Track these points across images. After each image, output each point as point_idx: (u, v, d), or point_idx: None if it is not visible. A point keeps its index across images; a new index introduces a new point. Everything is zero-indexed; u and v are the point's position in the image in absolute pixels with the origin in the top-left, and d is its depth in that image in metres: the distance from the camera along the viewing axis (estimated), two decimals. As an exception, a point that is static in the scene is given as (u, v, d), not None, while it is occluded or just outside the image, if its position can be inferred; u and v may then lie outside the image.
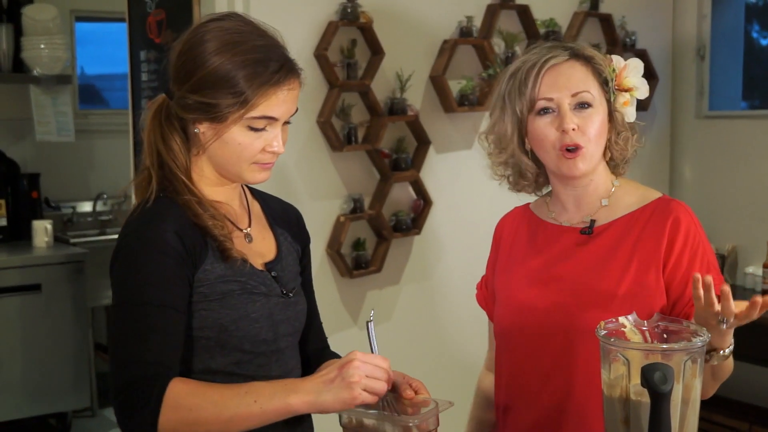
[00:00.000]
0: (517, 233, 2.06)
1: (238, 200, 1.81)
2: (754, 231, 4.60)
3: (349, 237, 3.72)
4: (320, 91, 3.57)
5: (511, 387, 1.99)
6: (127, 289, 1.60)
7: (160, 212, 1.65)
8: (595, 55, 1.91)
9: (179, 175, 1.70)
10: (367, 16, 3.63)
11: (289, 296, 1.79)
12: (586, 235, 1.93)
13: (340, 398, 1.52)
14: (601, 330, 1.59)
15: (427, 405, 1.67)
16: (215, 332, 1.66)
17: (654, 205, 1.91)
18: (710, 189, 4.83)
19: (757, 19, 5.12)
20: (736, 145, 4.72)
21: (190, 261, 1.63)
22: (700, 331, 1.57)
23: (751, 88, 5.12)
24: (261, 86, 1.63)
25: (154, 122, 1.72)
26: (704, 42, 4.83)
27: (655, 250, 1.85)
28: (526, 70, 1.91)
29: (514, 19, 4.11)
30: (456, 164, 4.03)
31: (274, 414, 1.53)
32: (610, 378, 1.56)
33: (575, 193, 1.96)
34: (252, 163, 1.70)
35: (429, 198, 3.91)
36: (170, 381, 1.52)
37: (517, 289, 1.97)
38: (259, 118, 1.65)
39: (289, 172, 3.54)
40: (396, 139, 3.81)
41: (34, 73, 5.38)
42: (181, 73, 1.67)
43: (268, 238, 1.84)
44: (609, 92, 1.90)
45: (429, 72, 3.90)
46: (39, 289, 4.85)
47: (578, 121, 1.86)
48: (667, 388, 1.42)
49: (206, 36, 1.66)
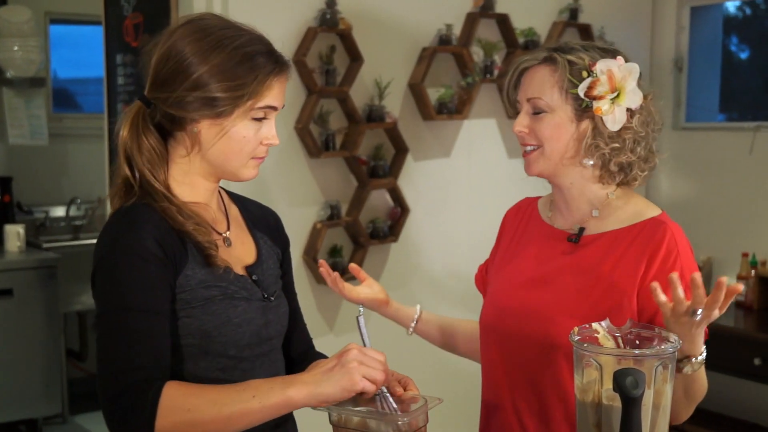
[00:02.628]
0: (518, 228, 2.08)
1: (215, 204, 1.80)
2: (729, 243, 4.63)
3: (326, 244, 3.71)
4: (298, 97, 3.56)
5: (488, 381, 2.00)
6: (110, 298, 1.58)
7: (138, 219, 1.63)
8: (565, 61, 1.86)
9: (154, 182, 1.68)
10: (347, 23, 3.62)
11: (270, 300, 1.77)
12: (573, 243, 1.92)
13: (341, 385, 1.52)
14: (575, 335, 1.59)
15: (416, 402, 1.67)
16: (198, 339, 1.64)
17: (642, 225, 1.87)
18: (686, 200, 4.86)
19: (735, 32, 5.16)
20: (712, 156, 4.75)
21: (171, 266, 1.62)
22: (671, 338, 1.57)
23: (729, 100, 5.15)
24: (266, 77, 1.64)
25: (132, 130, 1.70)
26: (682, 54, 4.86)
27: (632, 275, 1.82)
28: (510, 72, 1.96)
29: (494, 28, 4.13)
30: (434, 172, 4.03)
31: (274, 408, 1.52)
32: (583, 383, 1.56)
33: (562, 195, 1.96)
34: (251, 158, 1.69)
35: (406, 205, 3.91)
36: (164, 384, 1.51)
37: (502, 290, 1.99)
38: (263, 108, 1.66)
39: (266, 178, 3.52)
40: (374, 146, 3.81)
41: (7, 75, 5.34)
42: (170, 76, 1.65)
43: (248, 242, 1.83)
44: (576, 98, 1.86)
45: (408, 79, 3.91)
46: (11, 294, 4.79)
47: (530, 123, 1.90)
48: (639, 393, 1.42)
49: (190, 37, 1.65)
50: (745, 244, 4.54)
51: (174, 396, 1.49)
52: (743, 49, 5.38)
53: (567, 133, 1.87)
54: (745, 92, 5.28)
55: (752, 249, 4.48)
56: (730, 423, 4.48)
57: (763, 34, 5.19)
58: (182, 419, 1.49)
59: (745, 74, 5.33)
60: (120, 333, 1.54)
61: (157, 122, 1.70)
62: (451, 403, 2.07)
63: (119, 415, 1.50)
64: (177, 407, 1.49)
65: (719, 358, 4.11)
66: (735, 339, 4.09)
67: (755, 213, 4.58)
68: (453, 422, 2.16)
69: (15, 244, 5.07)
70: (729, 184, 4.67)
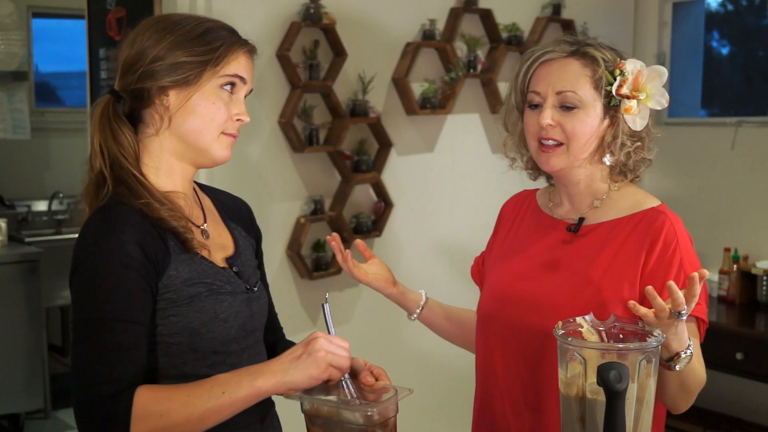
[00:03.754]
0: (516, 219, 2.08)
1: (192, 196, 1.79)
2: (711, 238, 4.65)
3: (309, 239, 3.70)
4: (282, 92, 3.56)
5: (484, 371, 2.01)
6: (88, 305, 1.56)
7: (119, 221, 1.61)
8: (599, 57, 1.87)
9: (131, 169, 1.67)
10: (331, 18, 3.62)
11: (253, 291, 1.78)
12: (572, 232, 1.93)
13: (308, 373, 1.54)
14: (559, 329, 1.60)
15: (387, 392, 1.68)
16: (186, 337, 1.64)
17: (642, 215, 1.89)
18: (668, 196, 4.86)
19: (717, 28, 5.18)
20: (694, 152, 4.77)
21: (153, 269, 1.60)
22: (654, 332, 1.58)
23: (711, 96, 5.18)
24: (232, 45, 1.68)
25: (103, 121, 1.70)
26: (664, 49, 4.88)
27: (633, 263, 1.84)
28: (525, 61, 1.93)
29: (477, 23, 4.13)
30: (417, 167, 4.03)
31: (244, 401, 1.54)
32: (567, 377, 1.57)
33: (567, 190, 1.96)
34: (220, 133, 1.69)
35: (390, 200, 3.91)
36: (135, 391, 1.51)
37: (502, 281, 1.99)
38: (231, 76, 1.68)
39: (250, 172, 3.52)
40: (358, 140, 3.81)
41: (-11, 69, 5.31)
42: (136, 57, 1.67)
43: (224, 233, 1.82)
44: (608, 96, 1.86)
45: (391, 74, 3.91)
46: (-8, 288, 4.77)
47: (559, 118, 1.86)
48: (623, 386, 1.43)
49: (157, 25, 1.69)
50: (727, 239, 4.57)
51: (146, 403, 1.50)
52: (725, 45, 5.40)
53: (595, 130, 1.88)
54: (726, 88, 5.31)
55: (734, 244, 4.51)
56: (713, 418, 4.50)
57: (745, 30, 5.21)
58: (156, 424, 1.50)
59: (726, 70, 5.35)
60: (97, 342, 1.53)
61: (126, 113, 1.70)
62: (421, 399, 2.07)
63: (92, 425, 1.50)
64: (150, 413, 1.50)
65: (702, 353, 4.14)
66: (717, 334, 4.09)
67: (737, 208, 4.61)
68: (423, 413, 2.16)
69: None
70: (711, 180, 4.69)
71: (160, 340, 1.62)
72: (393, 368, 2.86)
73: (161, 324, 1.62)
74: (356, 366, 1.73)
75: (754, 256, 4.47)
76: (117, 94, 1.70)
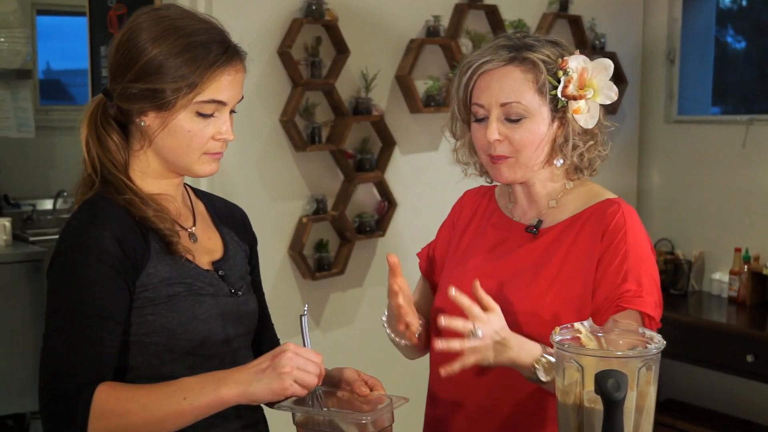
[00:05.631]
0: (474, 216, 2.01)
1: (180, 199, 1.77)
2: (721, 237, 4.59)
3: (312, 238, 3.66)
4: (283, 90, 3.52)
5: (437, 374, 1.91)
6: (61, 297, 1.55)
7: (99, 216, 1.60)
8: (539, 61, 1.79)
9: (118, 175, 1.66)
10: (333, 14, 3.57)
11: (237, 295, 1.74)
12: (531, 234, 1.87)
13: (271, 388, 1.49)
14: (556, 336, 1.54)
15: (381, 402, 1.65)
16: (163, 337, 1.61)
17: (592, 210, 1.83)
18: (678, 195, 4.82)
19: (731, 23, 5.11)
20: (705, 150, 4.70)
21: (131, 266, 1.58)
22: (655, 338, 1.52)
23: (723, 92, 5.11)
24: (207, 68, 1.60)
25: (90, 124, 1.68)
26: (674, 45, 4.82)
27: (588, 257, 1.79)
28: (464, 72, 1.84)
29: (482, 20, 4.08)
30: (421, 165, 3.98)
31: (206, 408, 1.50)
32: (564, 384, 1.52)
33: (525, 191, 1.91)
34: (202, 153, 1.66)
35: (394, 199, 3.86)
36: (96, 388, 1.48)
37: (459, 282, 1.86)
38: (207, 102, 1.61)
39: (251, 171, 3.48)
40: (360, 139, 3.77)
41: (-8, 67, 5.28)
42: (121, 65, 1.63)
43: (214, 237, 1.80)
44: (554, 100, 1.79)
45: (395, 72, 3.86)
46: (-4, 288, 4.74)
47: (506, 131, 1.79)
48: (621, 395, 1.38)
49: (144, 24, 1.62)
50: (738, 239, 4.50)
51: (105, 401, 1.47)
52: (738, 41, 5.33)
53: (544, 137, 1.81)
54: (739, 85, 5.24)
55: (745, 244, 4.44)
56: (723, 420, 4.45)
57: (759, 25, 5.14)
58: (114, 425, 1.47)
59: (739, 66, 5.28)
60: (66, 335, 1.51)
61: (114, 115, 1.67)
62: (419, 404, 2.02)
63: (53, 419, 1.48)
64: (108, 412, 1.47)
65: (712, 355, 4.09)
66: (728, 335, 4.05)
67: (748, 208, 4.54)
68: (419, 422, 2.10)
69: (1, 238, 5.00)
70: (722, 179, 4.63)
71: (137, 339, 1.60)
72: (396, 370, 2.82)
73: (137, 323, 1.59)
74: (348, 377, 1.71)
75: (766, 257, 4.40)
76: (110, 93, 1.67)
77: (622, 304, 1.73)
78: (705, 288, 4.64)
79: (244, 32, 1.69)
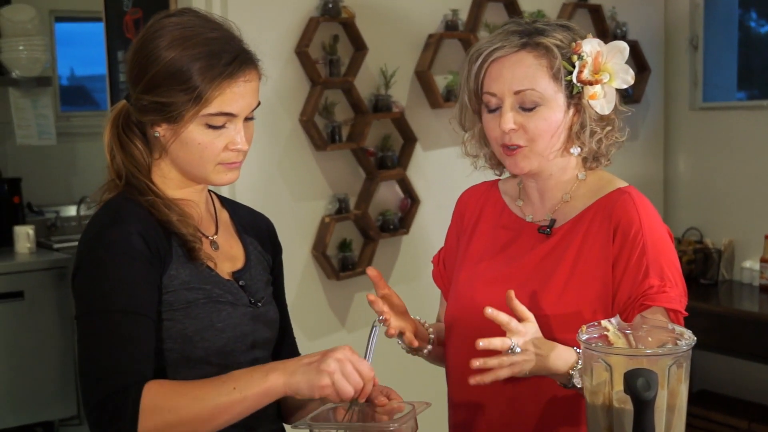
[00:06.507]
0: (481, 216, 1.94)
1: (204, 206, 1.75)
2: (751, 225, 4.51)
3: (335, 238, 3.63)
4: (302, 89, 3.49)
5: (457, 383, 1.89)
6: (93, 298, 1.53)
7: (123, 213, 1.59)
8: (552, 46, 1.73)
9: (142, 178, 1.65)
10: (349, 11, 3.54)
11: (257, 306, 1.72)
12: (545, 234, 1.81)
13: (310, 380, 1.47)
14: (583, 334, 1.50)
15: (401, 410, 1.61)
16: (179, 344, 1.59)
17: (602, 201, 1.77)
18: (705, 182, 4.75)
19: (754, 6, 5.03)
20: (731, 136, 4.63)
21: (158, 263, 1.57)
22: (686, 334, 1.48)
23: (748, 78, 5.03)
24: (214, 80, 1.56)
25: (113, 130, 1.67)
26: (697, 31, 4.74)
27: (602, 253, 1.73)
28: (474, 60, 1.77)
29: (501, 12, 4.02)
30: (444, 161, 3.94)
31: (256, 398, 1.47)
32: (592, 384, 1.48)
33: (537, 185, 1.85)
34: (217, 164, 1.63)
35: (417, 196, 3.83)
36: (144, 385, 1.46)
37: (473, 288, 1.85)
38: (215, 115, 1.58)
39: (272, 172, 3.46)
40: (381, 136, 3.73)
41: (12, 75, 5.27)
42: (134, 74, 1.62)
43: (236, 246, 1.78)
44: (569, 86, 1.73)
45: (414, 67, 3.82)
46: (21, 296, 4.75)
47: (521, 120, 1.73)
48: (651, 395, 1.34)
49: (157, 33, 1.60)
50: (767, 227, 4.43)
51: (155, 397, 1.45)
52: (762, 24, 5.24)
53: (560, 124, 1.75)
54: (764, 69, 5.15)
55: (775, 231, 4.37)
56: (757, 410, 4.38)
57: (784, 8, 5.05)
58: (165, 420, 1.45)
59: (764, 50, 5.19)
60: (103, 336, 1.49)
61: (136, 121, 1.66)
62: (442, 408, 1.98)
63: (102, 421, 1.46)
64: (159, 408, 1.44)
65: (744, 345, 4.02)
66: (760, 324, 3.98)
67: (778, 194, 4.46)
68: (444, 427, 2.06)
69: (25, 246, 5.03)
70: (750, 165, 4.55)
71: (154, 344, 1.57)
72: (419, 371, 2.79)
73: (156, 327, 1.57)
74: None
75: (797, 243, 4.33)
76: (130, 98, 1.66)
77: (646, 302, 1.68)
78: (735, 277, 4.57)
79: (261, 32, 1.67)
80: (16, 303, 4.73)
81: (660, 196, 4.84)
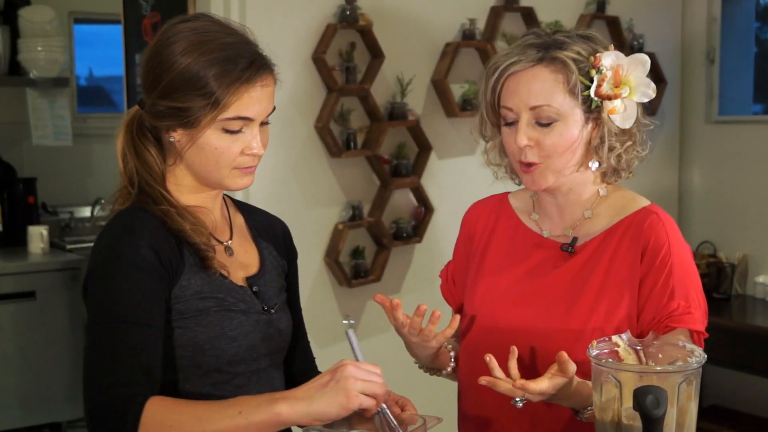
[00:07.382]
0: (494, 232, 1.91)
1: (219, 211, 1.75)
2: (765, 239, 4.49)
3: (348, 245, 3.64)
4: (318, 96, 3.49)
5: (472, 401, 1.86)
6: (102, 308, 1.53)
7: (136, 225, 1.59)
8: (569, 61, 1.70)
9: (156, 186, 1.65)
10: (367, 19, 3.55)
11: (270, 313, 1.71)
12: (567, 252, 1.79)
13: (337, 402, 1.42)
14: (593, 350, 1.49)
15: (414, 422, 1.59)
16: (190, 351, 1.59)
17: (631, 218, 1.75)
18: (720, 196, 4.73)
19: (771, 21, 5.01)
20: (747, 150, 4.61)
21: (167, 276, 1.57)
22: (696, 352, 1.47)
23: (764, 91, 5.01)
24: (231, 85, 1.56)
25: (126, 136, 1.67)
26: (714, 45, 4.73)
27: (629, 274, 1.71)
28: (491, 74, 1.75)
29: (519, 22, 4.03)
30: (458, 170, 3.94)
31: (261, 426, 1.44)
32: (602, 400, 1.48)
33: (556, 201, 1.82)
34: (233, 168, 1.63)
35: (430, 205, 3.82)
36: (148, 399, 1.45)
37: (492, 306, 1.83)
38: (233, 119, 1.59)
39: (286, 178, 3.46)
40: (396, 144, 3.73)
41: (30, 75, 5.29)
42: (149, 79, 1.62)
43: (251, 251, 1.77)
44: (587, 100, 1.71)
45: (430, 76, 3.82)
46: (33, 296, 4.75)
47: (537, 135, 1.71)
48: (660, 412, 1.34)
49: (172, 38, 1.60)
50: (782, 241, 4.41)
51: (156, 411, 1.44)
52: (779, 39, 5.23)
53: (576, 139, 1.73)
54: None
55: (790, 246, 4.35)
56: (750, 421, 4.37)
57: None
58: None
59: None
60: (109, 345, 1.49)
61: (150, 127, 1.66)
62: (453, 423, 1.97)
63: (102, 430, 1.45)
64: (159, 423, 1.43)
65: (756, 360, 4.00)
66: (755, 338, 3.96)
67: (793, 209, 4.44)
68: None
69: (38, 246, 5.03)
70: (765, 179, 4.53)
71: (163, 352, 1.56)
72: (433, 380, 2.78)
73: (165, 336, 1.57)
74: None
75: (811, 259, 4.31)
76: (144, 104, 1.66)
77: (671, 323, 1.66)
78: (749, 291, 4.55)
79: (278, 39, 1.66)
80: (27, 303, 4.74)
81: (674, 209, 4.82)
